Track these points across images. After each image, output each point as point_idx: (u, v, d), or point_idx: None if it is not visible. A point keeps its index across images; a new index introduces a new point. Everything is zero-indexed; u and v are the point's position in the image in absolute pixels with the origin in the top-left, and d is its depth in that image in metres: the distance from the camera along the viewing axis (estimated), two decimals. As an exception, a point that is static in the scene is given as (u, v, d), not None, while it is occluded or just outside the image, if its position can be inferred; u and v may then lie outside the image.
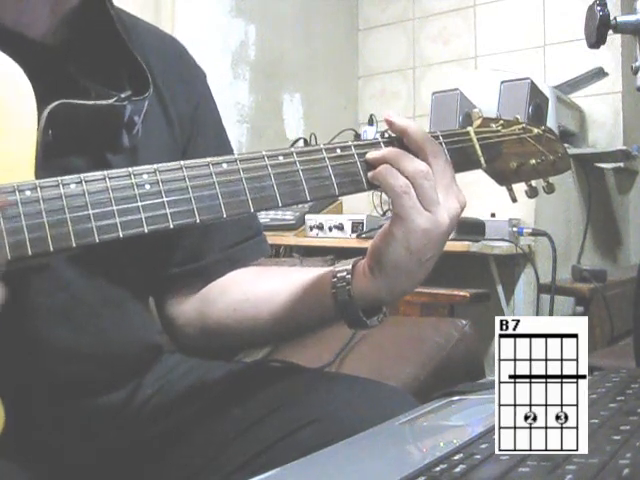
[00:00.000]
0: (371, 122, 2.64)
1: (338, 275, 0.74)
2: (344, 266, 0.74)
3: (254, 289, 0.81)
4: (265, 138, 2.66)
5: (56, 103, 0.64)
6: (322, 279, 0.76)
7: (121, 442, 0.77)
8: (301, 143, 2.60)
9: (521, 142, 0.80)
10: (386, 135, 0.73)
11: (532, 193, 0.83)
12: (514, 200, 0.83)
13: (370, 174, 0.70)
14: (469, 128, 0.78)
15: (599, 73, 2.32)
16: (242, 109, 2.61)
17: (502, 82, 2.02)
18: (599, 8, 0.97)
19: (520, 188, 0.83)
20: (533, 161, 0.80)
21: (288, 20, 2.78)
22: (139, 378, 0.81)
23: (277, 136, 2.72)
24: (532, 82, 1.98)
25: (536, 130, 0.81)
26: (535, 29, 2.65)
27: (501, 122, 0.80)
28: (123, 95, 0.70)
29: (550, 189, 0.83)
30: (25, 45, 0.69)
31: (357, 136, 2.59)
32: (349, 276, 0.73)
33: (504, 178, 0.79)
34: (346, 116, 2.97)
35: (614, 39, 2.32)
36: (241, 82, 2.62)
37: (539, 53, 2.65)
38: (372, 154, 0.70)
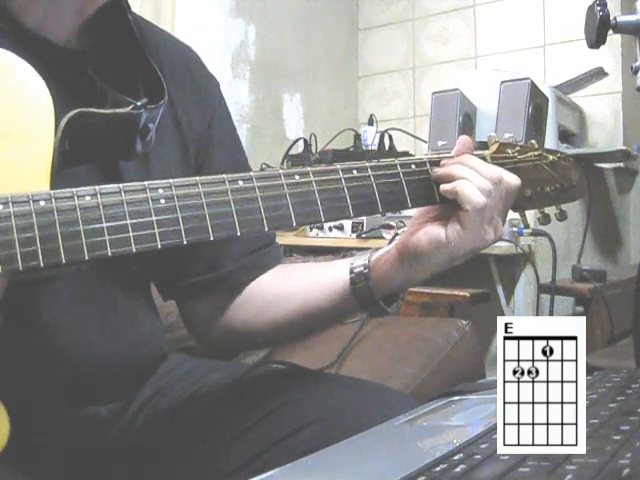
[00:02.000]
0: (371, 122, 2.64)
1: (355, 271, 0.76)
2: (360, 261, 0.76)
3: (275, 290, 0.83)
4: (265, 138, 2.66)
5: (73, 112, 0.63)
6: (340, 275, 0.77)
7: (121, 443, 0.77)
8: (301, 143, 2.60)
9: (536, 169, 0.79)
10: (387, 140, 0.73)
11: (544, 220, 0.82)
12: (527, 227, 0.82)
13: (446, 187, 0.71)
14: (486, 153, 0.77)
15: (599, 73, 2.31)
16: (242, 109, 2.60)
17: (502, 82, 2.02)
18: (599, 8, 0.97)
19: (531, 213, 0.82)
20: (547, 188, 0.79)
21: (288, 20, 2.78)
22: (141, 384, 0.81)
23: (277, 136, 2.72)
24: (532, 82, 1.98)
25: (552, 157, 0.80)
26: (535, 29, 2.64)
27: (517, 148, 0.79)
28: (139, 103, 0.69)
29: (562, 216, 0.82)
30: (47, 49, 0.70)
31: (357, 136, 2.58)
32: (367, 271, 0.75)
33: (517, 204, 0.77)
34: (346, 116, 2.97)
35: (614, 39, 2.32)
36: (241, 82, 2.61)
37: (539, 53, 2.64)
38: (442, 168, 0.72)
